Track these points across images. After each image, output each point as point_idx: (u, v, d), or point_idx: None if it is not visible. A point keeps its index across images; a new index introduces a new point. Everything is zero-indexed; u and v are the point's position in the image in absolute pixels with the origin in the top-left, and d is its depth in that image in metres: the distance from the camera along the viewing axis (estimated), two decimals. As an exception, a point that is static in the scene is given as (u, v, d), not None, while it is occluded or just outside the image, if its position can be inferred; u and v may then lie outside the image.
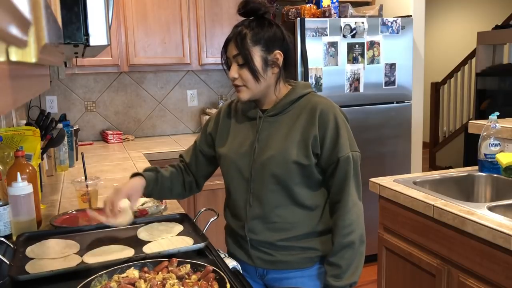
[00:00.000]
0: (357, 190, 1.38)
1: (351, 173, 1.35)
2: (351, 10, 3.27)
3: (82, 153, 1.92)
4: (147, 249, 1.34)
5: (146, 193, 1.48)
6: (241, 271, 1.32)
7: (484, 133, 2.06)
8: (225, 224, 1.55)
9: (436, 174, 2.14)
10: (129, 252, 1.31)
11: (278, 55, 1.37)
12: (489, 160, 2.05)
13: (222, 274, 1.12)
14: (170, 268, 1.17)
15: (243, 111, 1.48)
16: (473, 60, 5.71)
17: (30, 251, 1.32)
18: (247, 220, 1.43)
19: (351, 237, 1.34)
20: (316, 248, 1.41)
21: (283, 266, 1.42)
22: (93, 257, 1.28)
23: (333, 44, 3.12)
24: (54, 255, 1.30)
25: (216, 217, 1.51)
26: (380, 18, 3.25)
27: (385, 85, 3.32)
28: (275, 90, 1.42)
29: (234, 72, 1.37)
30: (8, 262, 1.21)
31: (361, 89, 3.25)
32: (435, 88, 6.29)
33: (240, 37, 1.34)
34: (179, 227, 1.51)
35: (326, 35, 3.09)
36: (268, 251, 1.42)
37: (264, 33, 1.35)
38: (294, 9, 3.38)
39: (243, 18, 1.40)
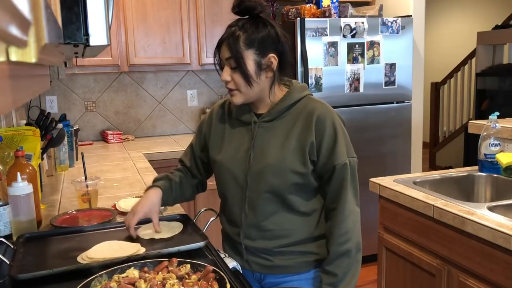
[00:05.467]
0: (354, 197, 1.35)
1: (348, 180, 1.32)
2: (351, 10, 3.27)
3: (82, 153, 1.92)
4: (143, 234, 1.38)
5: (162, 203, 1.48)
6: (241, 271, 1.32)
7: (484, 133, 2.06)
8: (221, 228, 1.53)
9: (436, 174, 2.14)
10: (136, 246, 1.31)
11: (273, 58, 1.32)
12: (489, 160, 2.05)
13: (222, 274, 1.12)
14: (170, 268, 1.17)
15: (236, 115, 1.42)
16: (473, 60, 5.71)
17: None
18: (243, 227, 1.40)
19: (348, 245, 1.32)
20: (313, 252, 1.39)
21: (280, 270, 1.40)
22: (100, 253, 1.28)
23: (333, 44, 3.12)
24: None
25: (216, 217, 1.52)
26: (380, 18, 3.25)
27: (385, 85, 3.32)
28: (270, 94, 1.37)
29: (226, 75, 1.33)
30: (8, 262, 1.21)
31: (361, 89, 3.25)
32: (435, 88, 6.29)
33: (233, 39, 1.29)
34: (179, 224, 1.51)
35: (326, 35, 3.09)
36: (265, 257, 1.40)
37: (258, 35, 1.30)
38: (294, 9, 3.38)
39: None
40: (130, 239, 1.40)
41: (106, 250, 1.30)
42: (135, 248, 1.30)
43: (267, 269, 1.41)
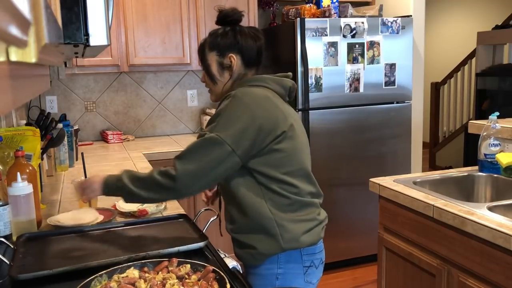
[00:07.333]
0: (184, 160, 1.33)
1: (193, 144, 1.34)
2: (351, 10, 3.27)
3: (82, 153, 1.93)
4: None
5: None
6: (241, 271, 1.33)
7: (484, 133, 2.06)
8: None
9: (436, 174, 2.14)
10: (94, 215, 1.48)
11: (232, 58, 1.46)
12: (489, 160, 2.05)
13: (222, 274, 1.12)
14: (170, 268, 1.17)
15: None
16: (473, 60, 5.71)
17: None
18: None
19: (140, 192, 1.35)
20: (253, 246, 1.41)
21: (238, 258, 1.50)
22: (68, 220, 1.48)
23: (333, 44, 3.12)
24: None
25: (216, 217, 1.52)
26: (380, 18, 3.25)
27: (385, 85, 3.32)
28: (223, 89, 1.51)
29: (202, 76, 1.56)
30: (8, 262, 1.21)
31: (361, 89, 3.25)
32: (435, 88, 6.29)
33: (202, 46, 1.52)
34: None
35: (326, 35, 3.09)
36: (232, 241, 1.52)
37: (219, 39, 1.47)
38: (294, 9, 3.38)
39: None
40: (129, 240, 1.40)
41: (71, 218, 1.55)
42: (94, 216, 1.52)
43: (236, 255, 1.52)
